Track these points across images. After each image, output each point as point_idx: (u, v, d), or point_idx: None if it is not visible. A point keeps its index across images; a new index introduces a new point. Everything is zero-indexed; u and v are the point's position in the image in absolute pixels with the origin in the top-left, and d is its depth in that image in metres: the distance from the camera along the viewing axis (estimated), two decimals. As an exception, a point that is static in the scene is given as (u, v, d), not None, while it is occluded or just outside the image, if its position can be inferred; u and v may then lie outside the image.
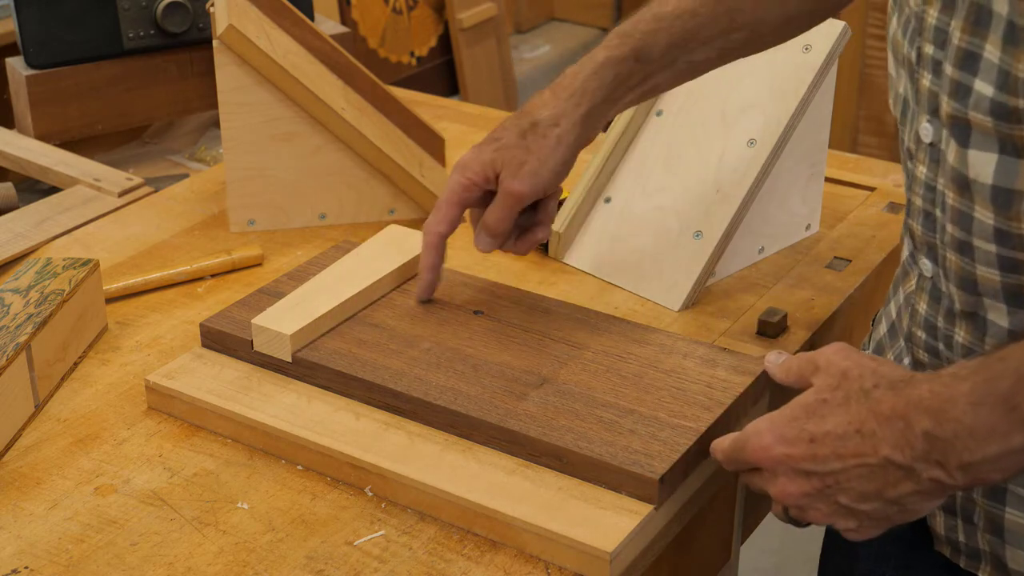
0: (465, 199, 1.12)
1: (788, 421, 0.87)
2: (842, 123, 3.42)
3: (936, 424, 0.79)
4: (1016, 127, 0.84)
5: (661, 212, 1.30)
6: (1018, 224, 0.87)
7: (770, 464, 0.87)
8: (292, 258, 1.36)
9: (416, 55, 3.24)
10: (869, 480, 0.83)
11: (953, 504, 0.99)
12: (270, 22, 1.42)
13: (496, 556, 0.95)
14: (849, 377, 0.86)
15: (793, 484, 0.86)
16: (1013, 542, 0.95)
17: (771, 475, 0.88)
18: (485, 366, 1.08)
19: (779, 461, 0.86)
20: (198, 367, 1.12)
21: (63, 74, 1.63)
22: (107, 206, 1.47)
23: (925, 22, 0.91)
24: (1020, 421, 0.77)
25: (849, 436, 0.83)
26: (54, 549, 0.95)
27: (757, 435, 0.88)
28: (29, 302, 1.13)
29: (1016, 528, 0.95)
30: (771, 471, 0.88)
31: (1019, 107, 0.83)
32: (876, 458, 0.82)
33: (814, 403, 0.87)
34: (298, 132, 1.39)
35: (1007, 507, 0.95)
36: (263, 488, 1.02)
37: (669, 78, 1.12)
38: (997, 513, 0.95)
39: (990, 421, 0.78)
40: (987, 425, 0.78)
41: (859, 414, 0.84)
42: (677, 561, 1.06)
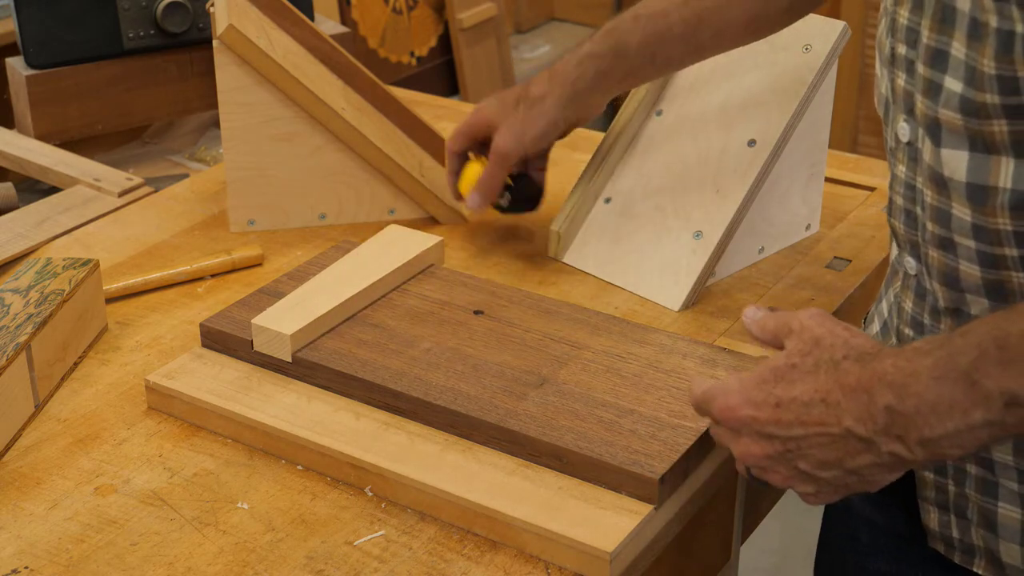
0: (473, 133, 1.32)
1: (757, 383, 0.88)
2: (842, 123, 3.42)
3: (898, 399, 0.80)
4: (984, 123, 0.85)
5: (661, 212, 1.30)
6: (994, 220, 0.87)
7: (735, 424, 0.88)
8: (292, 258, 1.36)
9: (416, 55, 3.24)
10: (830, 449, 0.84)
11: (946, 500, 0.99)
12: (270, 22, 1.42)
13: (496, 556, 0.95)
14: (821, 345, 0.87)
15: (756, 445, 0.87)
16: (1006, 536, 0.96)
17: (735, 434, 0.89)
18: (485, 366, 1.08)
19: (744, 422, 0.88)
20: (198, 367, 1.12)
21: (63, 74, 1.63)
22: (107, 206, 1.47)
23: (897, 22, 0.93)
24: (981, 397, 0.77)
25: (814, 404, 0.84)
26: (54, 549, 0.95)
27: (725, 395, 0.89)
28: (29, 302, 1.13)
29: (1009, 522, 0.95)
30: (735, 430, 0.89)
31: (986, 102, 0.84)
32: (838, 428, 0.83)
33: (784, 367, 0.87)
34: (298, 132, 1.39)
35: (999, 502, 0.95)
36: (263, 488, 1.02)
37: (651, 71, 1.27)
38: (990, 508, 0.96)
39: (951, 396, 0.78)
40: (948, 400, 0.78)
41: (826, 384, 0.84)
42: (677, 561, 1.06)
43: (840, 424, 0.83)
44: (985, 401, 0.77)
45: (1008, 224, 0.87)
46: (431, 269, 1.23)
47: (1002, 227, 0.87)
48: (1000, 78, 0.83)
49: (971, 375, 0.77)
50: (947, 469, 0.98)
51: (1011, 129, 0.84)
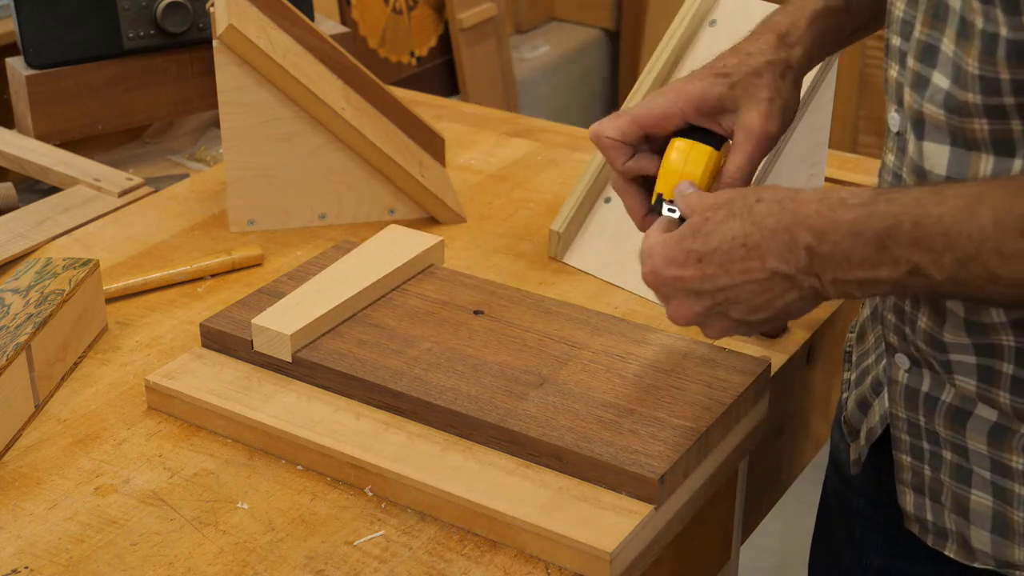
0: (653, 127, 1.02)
1: (676, 242, 0.90)
2: (842, 123, 3.42)
3: (817, 242, 0.84)
4: (966, 121, 0.86)
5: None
6: None
7: (662, 286, 0.91)
8: (292, 258, 1.36)
9: (416, 55, 3.24)
10: (758, 294, 0.88)
11: (922, 484, 1.00)
12: (270, 22, 1.42)
13: (496, 556, 0.95)
14: (732, 199, 0.90)
15: (686, 305, 0.90)
16: (977, 523, 0.97)
17: (664, 297, 0.91)
18: (485, 366, 1.08)
19: (669, 283, 0.90)
20: (198, 367, 1.12)
21: (63, 74, 1.63)
22: (107, 206, 1.47)
23: (893, 14, 0.94)
24: (889, 258, 0.82)
25: (735, 251, 0.87)
26: (54, 549, 0.96)
27: (649, 258, 0.91)
28: (29, 302, 1.13)
29: (981, 509, 0.96)
30: (664, 295, 0.91)
31: (968, 101, 0.85)
32: (763, 272, 0.87)
33: (699, 222, 0.90)
34: (298, 132, 1.39)
35: (972, 489, 0.96)
36: (263, 488, 1.02)
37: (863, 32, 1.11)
38: (963, 495, 0.97)
39: (863, 251, 0.83)
40: (860, 254, 0.83)
41: (744, 228, 0.87)
42: (677, 561, 1.06)
43: (764, 266, 0.86)
44: (892, 263, 0.82)
45: None
46: (431, 269, 1.23)
47: None
48: (983, 79, 0.84)
49: (884, 239, 0.82)
50: (924, 454, 0.99)
51: (991, 128, 0.86)
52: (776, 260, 0.86)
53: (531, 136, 1.66)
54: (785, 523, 2.49)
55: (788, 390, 1.23)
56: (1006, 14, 0.81)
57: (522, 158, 1.60)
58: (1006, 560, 0.96)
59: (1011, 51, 0.82)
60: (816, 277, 0.86)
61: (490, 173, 1.56)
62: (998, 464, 0.94)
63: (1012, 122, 0.85)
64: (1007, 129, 0.85)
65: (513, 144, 1.63)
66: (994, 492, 0.95)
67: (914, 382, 0.98)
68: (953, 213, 0.80)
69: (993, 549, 0.97)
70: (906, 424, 1.00)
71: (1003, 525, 0.95)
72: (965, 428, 0.95)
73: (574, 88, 3.65)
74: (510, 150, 1.62)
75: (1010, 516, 0.95)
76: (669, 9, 2.74)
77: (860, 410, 1.07)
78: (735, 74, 1.02)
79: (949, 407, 0.95)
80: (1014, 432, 0.92)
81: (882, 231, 0.82)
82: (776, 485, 1.32)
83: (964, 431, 0.95)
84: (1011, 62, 0.82)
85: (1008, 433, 0.92)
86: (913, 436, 0.99)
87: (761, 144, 1.02)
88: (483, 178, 1.55)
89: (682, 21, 1.36)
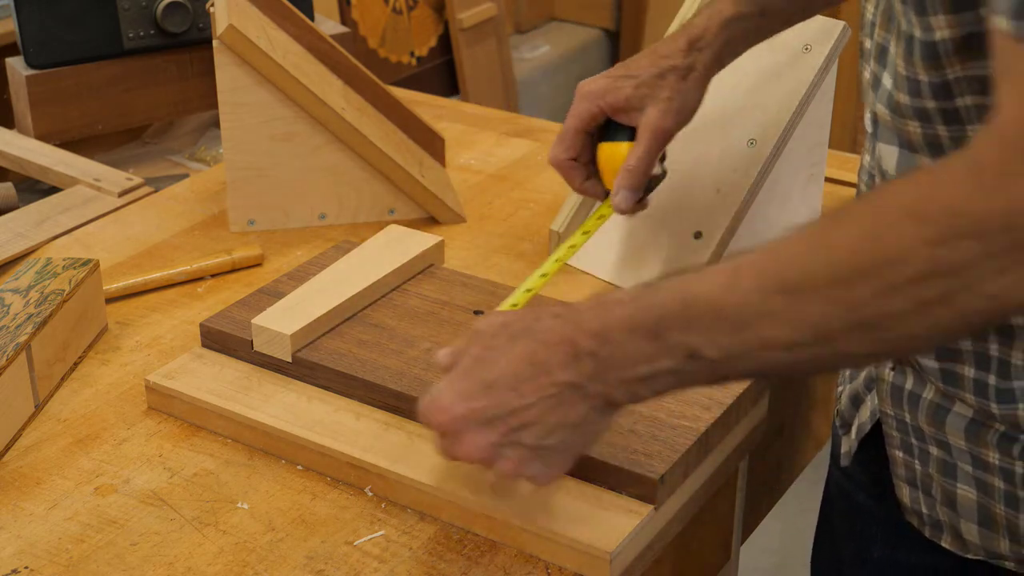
0: (590, 126, 1.17)
1: (462, 376, 0.89)
2: (842, 123, 3.42)
3: (599, 346, 0.84)
4: (901, 122, 0.88)
5: (661, 212, 1.30)
6: None
7: (454, 425, 0.88)
8: (292, 258, 1.36)
9: (416, 55, 3.24)
10: (551, 411, 0.86)
11: (915, 478, 1.01)
12: (270, 22, 1.42)
13: (496, 556, 0.95)
14: (507, 323, 0.89)
15: (479, 435, 0.87)
16: (965, 515, 0.98)
17: (457, 435, 0.89)
18: (485, 366, 1.07)
19: (461, 419, 0.88)
20: (198, 367, 1.12)
21: (63, 74, 1.63)
22: (107, 206, 1.47)
23: (864, 17, 0.96)
24: (665, 347, 0.82)
25: (523, 371, 0.86)
26: (54, 549, 0.95)
27: (436, 398, 0.89)
28: (29, 302, 1.13)
29: (966, 503, 0.98)
30: (456, 432, 0.89)
31: (900, 102, 0.87)
32: (554, 387, 0.85)
33: (481, 351, 0.89)
34: (298, 132, 1.39)
35: (958, 483, 0.97)
36: (263, 488, 1.02)
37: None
38: (950, 488, 0.98)
39: (641, 347, 0.82)
40: (639, 349, 0.83)
41: (528, 347, 0.86)
42: (677, 561, 1.06)
43: (554, 381, 0.85)
44: (669, 352, 0.82)
45: None
46: (431, 269, 1.23)
47: None
48: (908, 80, 0.86)
49: (658, 329, 0.82)
50: (913, 450, 1.00)
51: (923, 131, 0.87)
52: (563, 372, 0.85)
53: (531, 136, 1.66)
54: (785, 523, 2.49)
55: (788, 390, 1.23)
56: (917, 15, 0.83)
57: (522, 158, 1.60)
58: (995, 551, 0.98)
59: (924, 53, 0.84)
60: (603, 382, 0.84)
61: (490, 173, 1.56)
62: (977, 459, 0.95)
63: (937, 128, 0.86)
64: (935, 135, 0.87)
65: (513, 144, 1.63)
66: (977, 486, 0.96)
67: (899, 380, 0.99)
68: (715, 287, 0.80)
69: (982, 540, 0.98)
70: (895, 421, 1.01)
71: (988, 518, 0.97)
72: (945, 424, 0.96)
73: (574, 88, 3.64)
74: (510, 150, 1.62)
75: (994, 509, 0.96)
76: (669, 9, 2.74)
77: (853, 405, 1.08)
78: (641, 75, 1.14)
79: (930, 404, 0.97)
80: (988, 428, 0.94)
81: (655, 321, 0.82)
82: (776, 485, 1.32)
83: (944, 427, 0.96)
84: (925, 64, 0.84)
85: (983, 429, 0.94)
86: (902, 432, 1.01)
87: (658, 137, 1.14)
88: (483, 178, 1.55)
89: (682, 21, 1.36)
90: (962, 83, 0.83)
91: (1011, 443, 0.93)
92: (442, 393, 0.89)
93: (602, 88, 1.16)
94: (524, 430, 0.86)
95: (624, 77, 1.15)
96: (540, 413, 0.86)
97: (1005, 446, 0.93)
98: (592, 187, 1.19)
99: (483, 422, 0.87)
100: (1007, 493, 0.95)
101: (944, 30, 0.82)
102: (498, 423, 0.87)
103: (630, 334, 0.83)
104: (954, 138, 0.86)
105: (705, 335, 0.80)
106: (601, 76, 1.17)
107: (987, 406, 0.92)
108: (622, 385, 0.84)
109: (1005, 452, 0.94)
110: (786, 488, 1.36)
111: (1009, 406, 0.91)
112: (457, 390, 0.88)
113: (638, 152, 1.14)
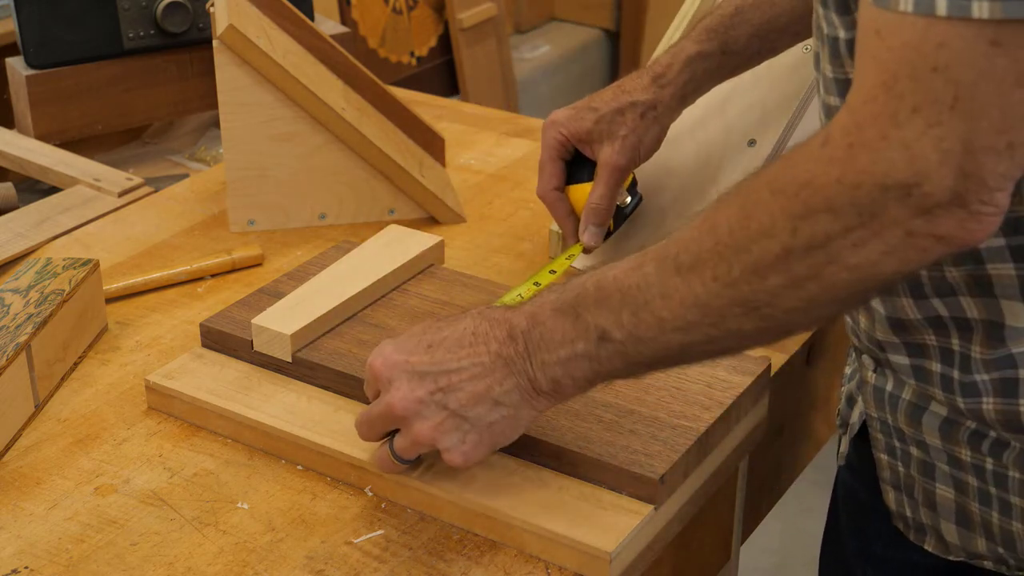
0: (563, 154, 1.22)
1: (409, 335, 0.94)
2: (842, 123, 3.42)
3: (530, 325, 0.89)
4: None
5: (661, 212, 1.30)
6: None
7: (389, 370, 0.93)
8: (292, 258, 1.36)
9: (416, 55, 3.24)
10: (480, 379, 0.90)
11: (899, 480, 1.02)
12: (270, 22, 1.42)
13: (496, 556, 0.95)
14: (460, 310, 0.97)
15: (408, 387, 0.92)
16: (944, 516, 0.99)
17: (388, 383, 0.93)
18: (485, 366, 1.07)
19: (397, 365, 0.92)
20: (198, 367, 1.12)
21: (63, 74, 1.63)
22: (107, 206, 1.47)
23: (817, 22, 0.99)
24: (582, 328, 0.86)
25: (464, 338, 0.91)
26: (54, 549, 0.96)
27: (381, 348, 0.94)
28: (29, 302, 1.13)
29: (945, 503, 0.98)
30: (388, 379, 0.93)
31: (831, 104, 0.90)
32: (487, 356, 0.90)
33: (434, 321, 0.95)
34: (298, 132, 1.39)
35: (936, 483, 0.98)
36: (263, 488, 1.02)
37: (755, 63, 1.24)
38: (930, 489, 0.99)
39: (563, 327, 0.87)
40: (561, 330, 0.87)
41: (474, 322, 0.92)
42: (677, 561, 1.06)
43: (489, 350, 0.90)
44: (584, 333, 0.86)
45: None
46: (431, 269, 1.23)
47: None
48: (837, 81, 0.88)
49: (576, 308, 0.87)
50: (896, 451, 1.01)
51: None
52: (498, 344, 0.90)
53: (531, 136, 1.66)
54: (785, 523, 2.49)
55: (788, 390, 1.23)
56: (839, 15, 0.85)
57: (522, 158, 1.60)
58: (974, 551, 0.99)
59: (851, 50, 0.85)
60: (530, 363, 0.89)
61: (490, 173, 1.56)
62: (952, 457, 0.96)
63: None
64: None
65: (513, 144, 1.63)
66: (954, 485, 0.97)
67: (880, 382, 1.00)
68: (624, 271, 0.85)
69: (961, 541, 0.99)
70: (879, 423, 1.02)
71: (965, 517, 0.98)
72: (922, 424, 0.97)
73: (574, 88, 3.65)
74: (510, 150, 1.62)
75: (970, 507, 0.97)
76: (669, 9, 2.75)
77: (848, 405, 1.09)
78: (602, 109, 1.19)
79: (908, 404, 0.98)
80: (960, 426, 0.95)
81: (573, 300, 0.87)
82: (776, 485, 1.32)
83: (922, 427, 0.97)
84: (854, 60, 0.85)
85: (956, 427, 0.95)
86: (885, 434, 1.02)
87: (614, 174, 1.19)
88: (483, 178, 1.55)
89: (682, 21, 1.36)
90: None
91: (980, 439, 0.94)
92: (386, 345, 0.94)
93: (566, 118, 1.21)
94: (451, 393, 0.90)
95: (588, 109, 1.20)
96: (470, 378, 0.90)
97: (975, 443, 0.94)
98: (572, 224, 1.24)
99: (415, 375, 0.91)
100: (980, 490, 0.96)
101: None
102: (428, 379, 0.91)
103: (554, 314, 0.88)
104: None
105: (612, 315, 0.85)
106: (568, 107, 1.22)
107: (954, 401, 0.93)
108: (543, 368, 0.88)
109: (975, 449, 0.94)
110: (786, 488, 1.36)
111: (974, 400, 0.92)
112: (400, 344, 0.93)
113: (598, 191, 1.20)
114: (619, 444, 0.98)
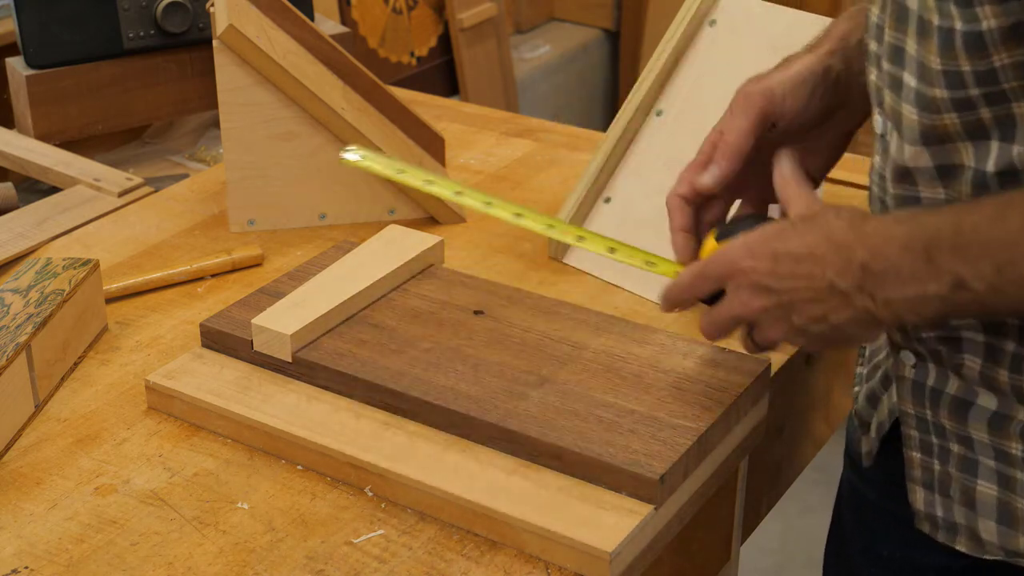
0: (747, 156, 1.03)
1: (760, 237, 0.93)
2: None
3: (872, 258, 0.86)
4: (936, 117, 0.89)
5: (661, 212, 1.30)
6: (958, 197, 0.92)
7: (735, 275, 0.93)
8: (292, 258, 1.36)
9: (416, 55, 3.24)
10: (817, 304, 0.89)
11: (932, 479, 1.02)
12: (270, 22, 1.42)
13: (496, 556, 0.95)
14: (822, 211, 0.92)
15: (754, 298, 0.92)
16: (984, 513, 0.99)
17: (735, 289, 0.93)
18: (485, 366, 1.08)
19: (743, 272, 0.92)
20: (198, 367, 1.12)
21: (63, 74, 1.63)
22: (107, 206, 1.47)
23: (869, 20, 0.97)
24: (935, 272, 0.84)
25: (804, 258, 0.90)
26: (54, 549, 0.96)
27: (729, 249, 0.94)
28: (29, 302, 1.13)
29: (987, 499, 0.98)
30: (735, 285, 0.93)
31: (936, 96, 0.89)
32: (823, 281, 0.88)
33: (786, 227, 0.93)
34: (298, 132, 1.39)
35: (979, 479, 0.98)
36: (263, 488, 1.02)
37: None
38: (970, 485, 0.99)
39: (912, 266, 0.85)
40: (910, 268, 0.85)
41: (816, 239, 0.90)
42: (677, 561, 1.06)
43: (824, 277, 0.88)
44: (937, 276, 0.84)
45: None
46: (431, 269, 1.23)
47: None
48: (946, 73, 0.87)
49: (929, 250, 0.84)
50: (933, 449, 1.01)
51: (962, 120, 0.88)
52: (834, 273, 0.88)
53: (531, 136, 1.66)
54: (785, 523, 2.49)
55: (788, 390, 1.23)
56: (959, 7, 0.85)
57: (522, 158, 1.60)
58: (1013, 549, 0.98)
59: (967, 43, 0.85)
60: (870, 297, 0.87)
61: (490, 173, 1.56)
62: (1000, 452, 0.96)
63: (980, 111, 0.87)
64: (977, 120, 0.88)
65: (513, 144, 1.63)
66: (999, 481, 0.97)
67: (920, 376, 1.00)
68: (986, 220, 0.83)
69: (1000, 539, 0.98)
70: (915, 419, 1.01)
71: (1008, 514, 0.97)
72: (967, 418, 0.97)
73: (574, 88, 3.65)
74: (510, 150, 1.62)
75: (1014, 504, 0.97)
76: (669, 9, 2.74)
77: (870, 404, 1.08)
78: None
79: (953, 399, 0.97)
80: (1012, 419, 0.94)
81: (927, 241, 0.84)
82: (776, 485, 1.32)
83: (967, 421, 0.97)
84: (969, 54, 0.85)
85: (1007, 420, 0.95)
86: (922, 431, 1.01)
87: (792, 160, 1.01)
88: (483, 178, 1.55)
89: (682, 21, 1.36)
90: (1008, 70, 0.85)
91: None
92: (736, 245, 0.93)
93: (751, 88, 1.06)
94: (792, 310, 0.90)
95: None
96: (808, 304, 0.89)
97: None
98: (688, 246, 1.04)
99: (760, 287, 0.91)
100: None
101: (991, 20, 0.84)
102: (771, 294, 0.91)
103: (904, 252, 0.85)
104: (997, 118, 0.87)
105: (971, 266, 0.83)
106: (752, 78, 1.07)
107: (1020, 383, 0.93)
108: (887, 305, 0.86)
109: None
110: (786, 488, 1.36)
111: None
112: (749, 244, 0.92)
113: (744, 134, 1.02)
114: (619, 444, 0.98)
